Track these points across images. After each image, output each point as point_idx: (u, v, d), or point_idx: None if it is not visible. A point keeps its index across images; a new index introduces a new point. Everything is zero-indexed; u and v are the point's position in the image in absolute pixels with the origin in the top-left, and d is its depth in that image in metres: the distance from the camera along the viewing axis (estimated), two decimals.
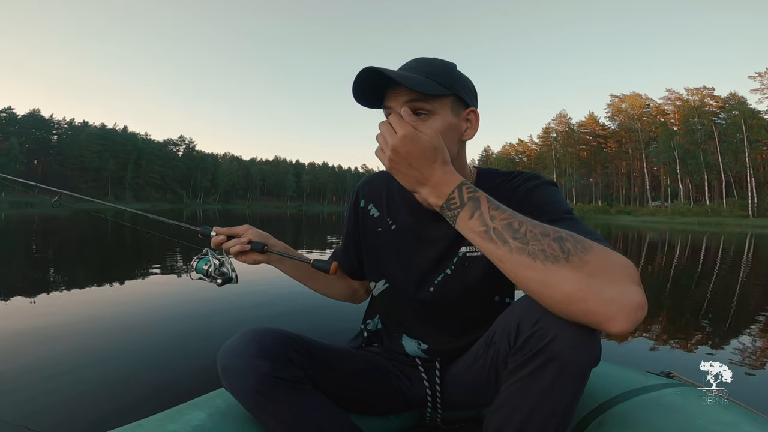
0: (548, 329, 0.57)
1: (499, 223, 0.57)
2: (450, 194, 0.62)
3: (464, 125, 0.76)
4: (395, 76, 0.67)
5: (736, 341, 2.17)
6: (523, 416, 0.61)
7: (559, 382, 0.58)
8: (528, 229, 0.55)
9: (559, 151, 63.39)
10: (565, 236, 0.54)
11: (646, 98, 57.15)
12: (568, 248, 0.52)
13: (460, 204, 0.61)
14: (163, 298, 3.11)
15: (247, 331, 0.74)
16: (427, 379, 0.91)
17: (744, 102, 44.84)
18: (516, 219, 0.57)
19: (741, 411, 0.75)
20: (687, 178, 48.67)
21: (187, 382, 1.58)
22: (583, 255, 0.51)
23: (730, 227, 25.99)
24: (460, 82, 0.74)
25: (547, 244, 0.53)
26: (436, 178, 0.63)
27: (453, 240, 0.83)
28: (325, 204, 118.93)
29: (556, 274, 0.51)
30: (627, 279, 0.51)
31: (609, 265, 0.51)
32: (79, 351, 1.93)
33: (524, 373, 0.61)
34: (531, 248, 0.53)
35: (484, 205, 0.60)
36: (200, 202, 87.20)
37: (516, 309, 0.66)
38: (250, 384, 0.69)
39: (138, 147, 77.01)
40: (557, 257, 0.52)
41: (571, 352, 0.56)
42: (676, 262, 6.33)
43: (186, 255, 5.60)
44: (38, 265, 4.56)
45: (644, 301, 0.50)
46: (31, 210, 23.22)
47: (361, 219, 0.94)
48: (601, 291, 0.50)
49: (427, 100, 0.70)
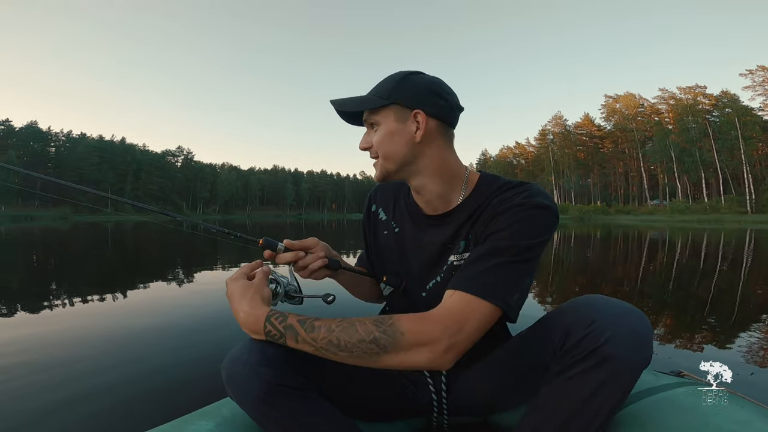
0: (603, 330, 0.62)
1: (321, 342, 0.67)
2: (265, 329, 0.70)
3: (412, 128, 0.79)
4: (337, 105, 0.83)
5: (744, 338, 2.16)
6: (565, 415, 0.64)
7: (611, 381, 0.61)
8: (346, 342, 0.66)
9: (556, 153, 63.61)
10: (378, 335, 0.65)
11: (640, 98, 57.54)
12: (383, 344, 0.65)
13: (280, 334, 0.69)
14: (167, 307, 3.10)
15: (251, 339, 0.74)
16: (432, 384, 0.92)
17: (736, 99, 45.24)
18: (333, 334, 0.66)
19: (756, 408, 0.75)
20: (684, 176, 48.88)
21: (193, 392, 1.57)
22: (396, 344, 0.65)
23: (729, 224, 26.04)
24: (402, 89, 0.79)
25: (367, 347, 0.65)
26: (244, 316, 0.71)
27: (443, 248, 0.84)
28: (324, 212, 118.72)
29: (382, 360, 0.66)
30: (429, 344, 0.64)
31: (415, 341, 0.65)
32: (81, 360, 1.91)
33: (574, 372, 0.64)
34: (355, 354, 0.66)
35: (300, 330, 0.68)
36: (200, 213, 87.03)
37: (564, 314, 0.69)
38: (255, 392, 0.69)
39: (137, 158, 77.08)
40: (378, 353, 0.65)
41: (625, 353, 0.61)
42: (677, 260, 6.36)
43: (190, 263, 5.62)
44: (44, 276, 4.57)
45: (440, 353, 0.64)
46: (32, 224, 23.13)
47: (372, 222, 0.99)
48: (414, 356, 0.65)
49: (375, 113, 0.81)
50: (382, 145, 0.81)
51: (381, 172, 0.83)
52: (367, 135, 0.84)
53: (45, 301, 3.25)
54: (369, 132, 0.84)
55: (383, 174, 0.83)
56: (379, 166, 0.83)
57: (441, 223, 0.85)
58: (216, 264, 5.86)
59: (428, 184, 0.83)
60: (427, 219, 0.88)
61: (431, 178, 0.83)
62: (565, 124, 65.27)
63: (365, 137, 0.84)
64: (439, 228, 0.85)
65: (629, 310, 0.65)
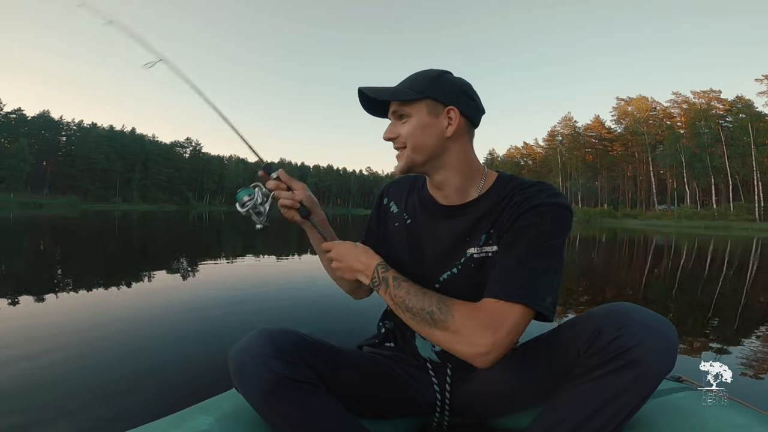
0: (634, 334, 0.64)
1: (398, 299, 0.77)
2: (373, 275, 0.81)
3: (444, 123, 0.82)
4: (370, 92, 0.83)
5: (745, 345, 2.16)
6: (582, 416, 0.65)
7: (635, 385, 0.63)
8: (413, 305, 0.75)
9: (564, 155, 63.11)
10: (435, 310, 0.73)
11: (653, 101, 56.82)
12: (435, 319, 0.72)
13: (380, 281, 0.80)
14: (169, 298, 3.10)
15: (261, 331, 0.74)
16: (437, 383, 0.92)
17: (751, 105, 44.44)
18: (408, 296, 0.76)
19: (753, 414, 0.75)
20: (693, 182, 48.21)
21: (193, 385, 1.53)
22: (445, 323, 0.71)
23: (737, 231, 25.75)
24: (438, 86, 0.82)
25: (424, 317, 0.73)
26: (363, 264, 0.83)
27: (461, 240, 0.85)
28: (330, 206, 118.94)
29: (432, 334, 0.73)
30: (476, 336, 0.69)
31: (464, 328, 0.70)
32: (79, 351, 1.87)
33: (599, 374, 0.65)
34: (416, 319, 0.75)
35: (391, 284, 0.79)
36: (206, 204, 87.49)
37: (595, 317, 0.71)
38: (265, 384, 0.69)
39: (145, 149, 77.36)
40: (431, 325, 0.73)
41: (653, 358, 0.63)
42: (682, 266, 6.34)
43: (193, 253, 5.69)
44: (48, 264, 4.67)
45: (487, 349, 0.67)
46: (41, 210, 23.39)
47: (383, 215, 1.01)
48: (458, 344, 0.70)
49: (405, 105, 0.83)
50: (412, 137, 0.82)
51: (406, 162, 0.85)
52: (393, 126, 0.86)
53: (43, 289, 3.32)
54: (396, 123, 0.85)
55: (408, 165, 0.85)
56: (405, 156, 0.84)
57: (458, 215, 0.86)
58: (219, 256, 5.93)
59: (450, 178, 0.86)
60: (443, 210, 0.88)
61: (454, 173, 0.85)
62: (574, 126, 64.71)
63: (391, 128, 0.86)
64: (455, 219, 0.86)
65: (660, 319, 0.67)
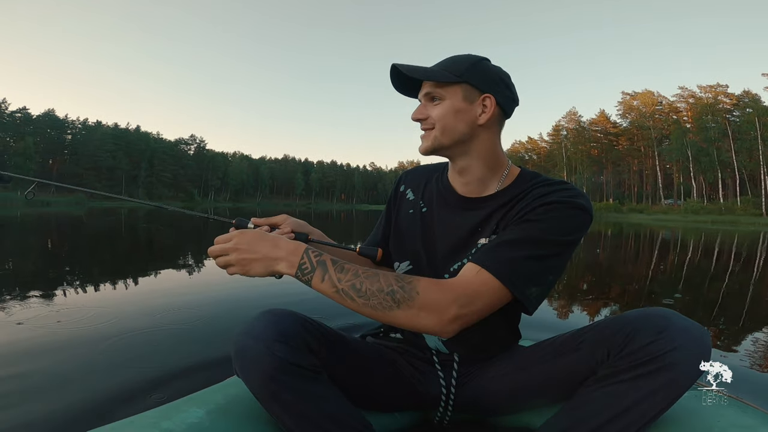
0: (673, 339, 0.63)
1: (345, 284, 0.69)
2: (301, 261, 0.71)
3: (478, 110, 0.80)
4: (405, 69, 0.80)
5: (748, 343, 2.12)
6: (604, 419, 0.65)
7: (666, 388, 0.63)
8: (367, 288, 0.68)
9: (569, 149, 62.69)
10: (397, 288, 0.68)
11: (659, 96, 56.23)
12: (398, 299, 0.68)
13: (311, 268, 0.71)
14: (164, 287, 3.04)
15: (265, 313, 0.72)
16: (443, 377, 0.91)
17: (758, 99, 43.89)
18: (358, 279, 0.69)
19: (758, 414, 0.74)
20: (700, 176, 47.77)
21: (187, 376, 1.46)
22: (410, 301, 0.68)
23: (744, 225, 25.54)
24: (477, 72, 0.80)
25: (383, 299, 0.68)
26: (284, 249, 0.72)
27: (473, 230, 0.84)
28: (334, 202, 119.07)
29: (394, 316, 0.69)
30: (442, 306, 0.68)
31: (430, 301, 0.68)
32: (68, 337, 1.77)
33: (627, 376, 0.65)
34: (372, 302, 0.68)
35: (330, 268, 0.70)
36: (211, 201, 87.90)
37: (632, 320, 0.69)
38: (266, 369, 0.66)
39: (150, 146, 77.86)
40: (392, 306, 0.68)
41: (688, 364, 0.63)
42: (688, 262, 6.30)
43: (188, 244, 5.72)
44: (54, 259, 4.71)
45: (451, 317, 0.67)
46: (48, 209, 23.59)
47: (399, 202, 1.00)
48: (424, 318, 0.68)
49: (440, 87, 0.81)
50: (443, 119, 0.81)
51: (432, 143, 0.83)
52: (423, 107, 0.84)
53: (49, 280, 3.36)
54: (426, 104, 0.84)
55: (434, 146, 0.83)
56: (432, 137, 0.83)
57: (475, 208, 0.85)
58: None
59: (474, 166, 0.85)
60: (462, 201, 0.87)
61: (478, 161, 0.84)
62: (579, 120, 64.22)
63: (421, 109, 0.84)
64: (472, 212, 0.86)
65: (698, 327, 0.66)
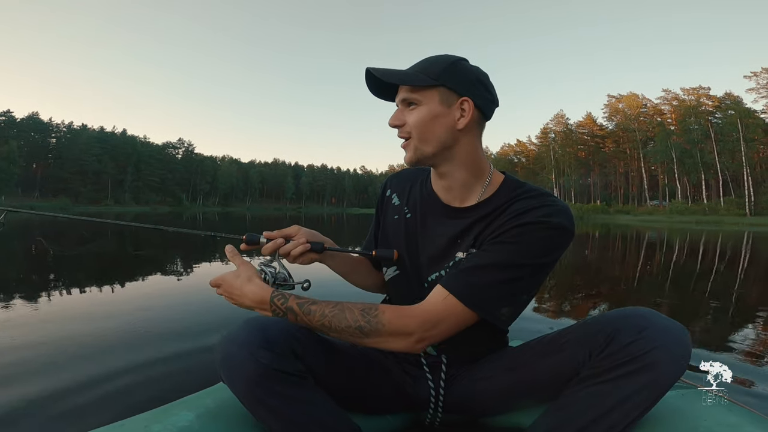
0: (653, 339, 0.63)
1: (315, 324, 0.74)
2: (272, 308, 0.76)
3: (456, 114, 0.78)
4: (379, 74, 0.77)
5: (736, 341, 2.14)
6: (588, 419, 0.65)
7: (648, 388, 0.63)
8: (335, 326, 0.73)
9: (557, 152, 63.40)
10: (363, 324, 0.72)
11: (643, 98, 57.20)
12: (366, 332, 0.72)
13: (283, 313, 0.75)
14: (156, 292, 3.05)
15: (250, 320, 0.72)
16: (432, 379, 0.91)
17: (740, 101, 44.96)
18: (326, 319, 0.74)
19: (743, 412, 0.75)
20: (684, 178, 48.71)
21: (176, 380, 1.46)
22: (377, 332, 0.72)
23: (728, 225, 26.06)
24: (454, 74, 0.77)
25: (352, 332, 0.73)
26: (251, 300, 0.77)
27: (452, 241, 0.83)
28: (324, 206, 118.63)
29: (364, 342, 0.74)
30: (405, 334, 0.72)
31: (393, 331, 0.72)
32: (56, 344, 1.79)
33: (611, 376, 0.65)
34: (343, 336, 0.74)
35: (299, 312, 0.75)
36: (200, 205, 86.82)
37: (612, 320, 0.69)
38: (250, 376, 0.66)
39: (137, 150, 76.72)
40: (361, 337, 0.73)
41: (669, 363, 0.63)
42: (674, 261, 6.41)
43: (180, 255, 5.67)
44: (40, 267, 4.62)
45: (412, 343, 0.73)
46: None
47: (386, 207, 0.99)
48: (393, 344, 0.73)
49: (415, 92, 0.77)
50: (420, 126, 0.78)
51: (415, 154, 0.81)
52: (400, 113, 0.81)
53: (33, 285, 3.29)
54: (402, 110, 0.81)
55: (417, 156, 0.81)
56: (413, 148, 0.80)
57: (456, 217, 0.84)
58: (210, 252, 5.91)
59: (455, 171, 0.82)
60: (444, 210, 0.86)
61: (460, 166, 0.82)
62: (567, 123, 65.05)
63: (397, 114, 0.81)
64: (453, 221, 0.84)
65: (678, 326, 0.67)
